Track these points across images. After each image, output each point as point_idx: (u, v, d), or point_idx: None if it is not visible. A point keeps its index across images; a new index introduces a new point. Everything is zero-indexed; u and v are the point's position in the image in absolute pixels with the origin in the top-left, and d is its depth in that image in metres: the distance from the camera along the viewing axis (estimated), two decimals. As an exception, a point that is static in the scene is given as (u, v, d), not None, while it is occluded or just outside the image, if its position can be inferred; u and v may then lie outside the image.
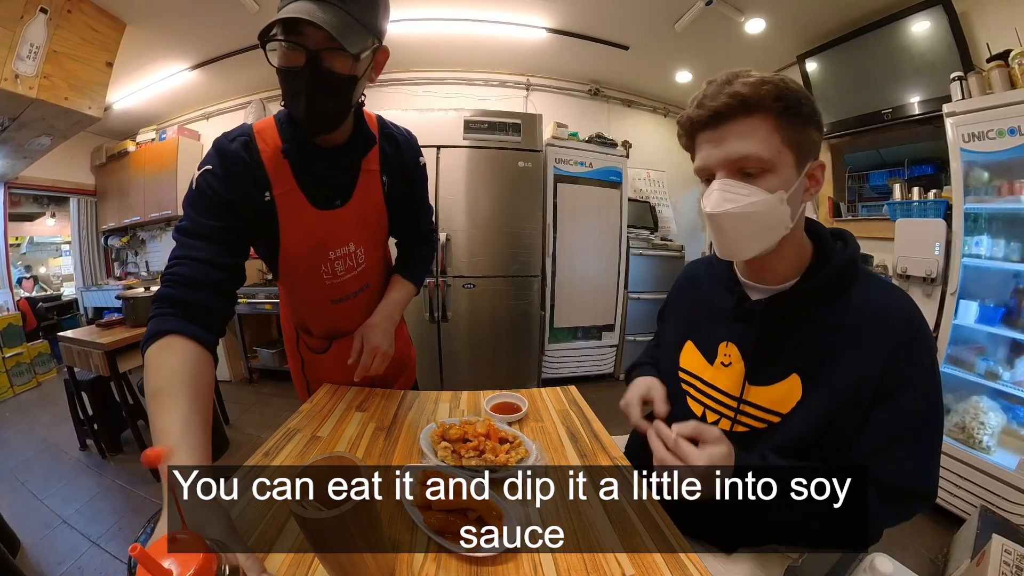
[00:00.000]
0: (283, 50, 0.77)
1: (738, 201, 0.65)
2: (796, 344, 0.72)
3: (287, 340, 1.27)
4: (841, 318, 0.69)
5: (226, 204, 0.83)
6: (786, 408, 0.72)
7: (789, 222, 0.67)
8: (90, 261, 4.74)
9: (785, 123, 0.64)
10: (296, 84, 0.78)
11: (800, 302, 0.72)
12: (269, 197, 0.88)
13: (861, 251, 0.75)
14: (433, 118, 2.79)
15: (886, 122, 2.53)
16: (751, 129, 0.64)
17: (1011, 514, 1.61)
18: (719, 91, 0.65)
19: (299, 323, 1.19)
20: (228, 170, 0.84)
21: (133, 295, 2.45)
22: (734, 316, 0.78)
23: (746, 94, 0.62)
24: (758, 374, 0.75)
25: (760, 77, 0.63)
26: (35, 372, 3.78)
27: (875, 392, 0.66)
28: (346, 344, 1.11)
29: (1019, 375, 1.77)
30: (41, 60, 2.29)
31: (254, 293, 3.51)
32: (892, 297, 0.70)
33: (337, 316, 1.11)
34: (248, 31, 2.90)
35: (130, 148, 4.19)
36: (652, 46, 3.22)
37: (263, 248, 0.96)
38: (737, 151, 0.64)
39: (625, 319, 3.54)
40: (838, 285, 0.71)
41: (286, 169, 0.88)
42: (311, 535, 0.52)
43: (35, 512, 2.00)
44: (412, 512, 0.69)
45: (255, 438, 2.67)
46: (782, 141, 0.64)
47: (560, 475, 0.83)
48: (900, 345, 0.65)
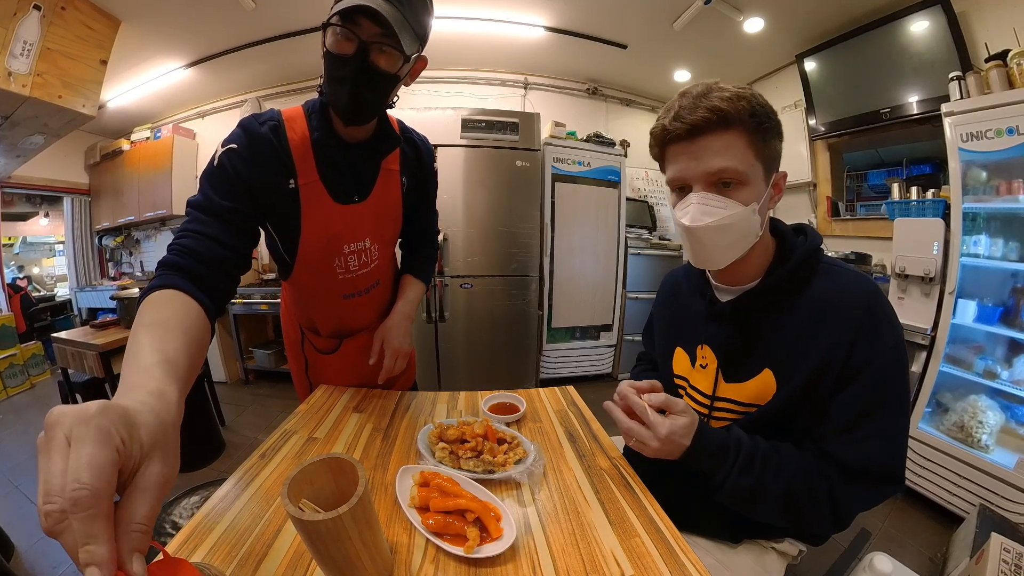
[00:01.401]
0: (336, 36, 0.79)
1: (716, 214, 0.68)
2: (765, 340, 0.75)
3: (290, 343, 1.26)
4: (805, 310, 0.72)
5: (245, 186, 0.83)
6: (763, 402, 0.75)
7: (759, 230, 0.72)
8: (84, 261, 4.71)
9: (757, 137, 0.67)
10: (343, 71, 0.80)
11: (765, 299, 0.75)
12: (294, 185, 0.89)
13: (823, 243, 0.78)
14: (430, 117, 2.78)
15: (885, 121, 2.53)
16: (728, 144, 0.66)
17: (1010, 512, 1.62)
18: (696, 104, 0.66)
19: (306, 323, 1.18)
20: (254, 151, 0.84)
21: (128, 295, 2.42)
22: (706, 319, 0.82)
23: (725, 109, 0.64)
24: (732, 372, 0.79)
25: (735, 91, 0.66)
26: (28, 374, 3.75)
27: (838, 376, 0.69)
28: (356, 343, 1.12)
29: (1017, 374, 1.78)
30: (34, 58, 2.27)
31: (250, 294, 3.49)
32: (851, 283, 0.72)
33: (347, 312, 1.11)
34: (245, 29, 2.89)
35: (124, 147, 4.17)
36: (651, 45, 3.22)
37: (277, 237, 0.96)
38: (716, 165, 0.67)
39: (623, 319, 3.54)
40: (800, 278, 0.73)
41: (310, 159, 0.89)
42: (308, 537, 0.51)
43: (29, 516, 1.97)
44: (410, 513, 0.69)
45: (251, 440, 2.66)
46: (755, 155, 0.68)
47: (559, 476, 0.83)
48: (860, 329, 0.68)
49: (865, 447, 0.67)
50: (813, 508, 0.69)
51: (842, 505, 0.69)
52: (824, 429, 0.71)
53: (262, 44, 3.07)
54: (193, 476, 2.27)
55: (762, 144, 0.68)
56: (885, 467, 0.68)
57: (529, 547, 0.65)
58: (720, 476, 0.71)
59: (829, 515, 0.69)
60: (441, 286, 2.78)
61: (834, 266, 0.75)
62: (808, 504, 0.69)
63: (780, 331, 0.73)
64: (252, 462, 0.86)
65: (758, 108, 0.66)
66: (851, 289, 0.71)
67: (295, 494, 0.53)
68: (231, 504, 0.73)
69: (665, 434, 0.69)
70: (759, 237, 0.72)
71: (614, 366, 3.61)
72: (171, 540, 0.65)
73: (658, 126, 0.71)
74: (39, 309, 4.62)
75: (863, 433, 0.68)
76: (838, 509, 0.69)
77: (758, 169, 0.68)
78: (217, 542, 0.64)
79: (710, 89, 0.67)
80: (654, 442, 0.70)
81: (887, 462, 0.68)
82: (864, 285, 0.71)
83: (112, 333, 2.29)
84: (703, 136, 0.66)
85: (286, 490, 0.51)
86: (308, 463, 0.55)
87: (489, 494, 0.73)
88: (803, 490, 0.68)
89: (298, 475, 0.54)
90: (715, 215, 0.68)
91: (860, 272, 0.75)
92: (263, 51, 3.14)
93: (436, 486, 0.71)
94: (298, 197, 0.89)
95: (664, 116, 0.70)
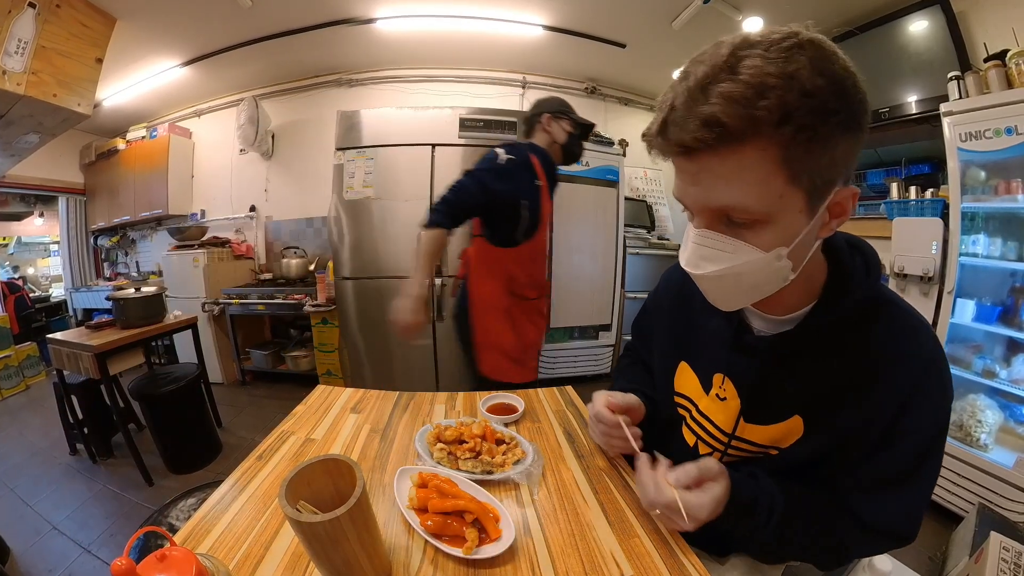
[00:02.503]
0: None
1: (719, 261, 0.51)
2: (802, 384, 0.62)
3: (497, 311, 1.69)
4: (856, 359, 0.59)
5: (496, 193, 1.54)
6: (784, 445, 0.66)
7: (790, 275, 0.52)
8: (79, 261, 4.69)
9: (797, 151, 0.44)
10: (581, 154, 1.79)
11: (811, 339, 0.61)
12: (539, 183, 1.62)
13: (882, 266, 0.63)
14: (428, 116, 2.77)
15: (883, 121, 2.53)
16: (738, 168, 0.45)
17: (1009, 511, 1.62)
18: (689, 111, 0.44)
19: (512, 286, 1.68)
20: (519, 168, 1.58)
21: (123, 296, 2.40)
22: (731, 346, 0.68)
23: (733, 125, 0.42)
24: (755, 413, 0.67)
25: (758, 81, 0.41)
26: (23, 375, 3.73)
27: (881, 435, 0.60)
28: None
29: (1016, 373, 1.78)
30: (29, 56, 2.25)
31: (246, 294, 3.47)
32: (914, 336, 0.59)
33: (543, 267, 1.82)
34: (242, 27, 2.88)
35: (120, 146, 4.15)
36: (649, 44, 3.21)
37: (515, 220, 1.59)
38: (716, 199, 0.48)
39: (622, 319, 3.53)
40: (858, 320, 0.59)
41: (542, 173, 1.63)
42: (306, 539, 0.51)
43: (25, 518, 1.96)
44: (408, 515, 0.68)
45: (248, 441, 2.64)
46: (787, 179, 0.45)
47: (557, 476, 0.82)
48: (913, 395, 0.57)
49: (891, 510, 0.62)
50: (827, 553, 0.66)
51: (852, 553, 0.67)
52: (849, 483, 0.64)
53: (259, 43, 3.06)
54: (190, 478, 2.26)
55: (806, 159, 0.44)
56: (906, 532, 0.63)
57: (528, 548, 0.64)
58: (746, 531, 0.64)
59: (835, 559, 0.67)
60: (439, 286, 2.77)
61: (895, 307, 0.61)
62: (824, 552, 0.66)
63: (823, 377, 0.61)
64: (249, 464, 0.86)
65: (802, 105, 0.41)
66: (913, 346, 0.58)
67: (293, 495, 0.52)
68: (228, 506, 0.73)
69: (706, 516, 0.61)
70: (789, 281, 0.53)
71: (613, 366, 3.61)
72: (167, 543, 0.64)
73: (649, 133, 0.51)
74: (34, 310, 4.58)
75: (893, 497, 0.62)
76: (847, 555, 0.67)
77: (792, 199, 0.47)
78: (214, 544, 0.64)
79: (715, 76, 0.43)
80: (692, 525, 0.61)
81: (908, 528, 0.63)
82: (930, 340, 0.59)
83: (108, 334, 2.27)
84: (702, 155, 0.46)
85: (283, 491, 0.51)
86: (305, 464, 0.55)
87: (488, 495, 0.72)
88: (828, 544, 0.65)
89: (295, 476, 0.54)
90: (717, 262, 0.51)
91: (923, 319, 0.62)
92: (260, 50, 3.13)
93: (434, 487, 0.71)
94: (540, 191, 1.63)
95: (655, 119, 0.50)
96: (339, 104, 3.49)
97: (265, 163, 4.00)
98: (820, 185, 0.47)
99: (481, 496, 0.72)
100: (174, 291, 3.55)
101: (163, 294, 2.59)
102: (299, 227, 3.99)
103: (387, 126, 2.75)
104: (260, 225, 4.07)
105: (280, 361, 3.65)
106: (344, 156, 2.75)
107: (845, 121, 0.44)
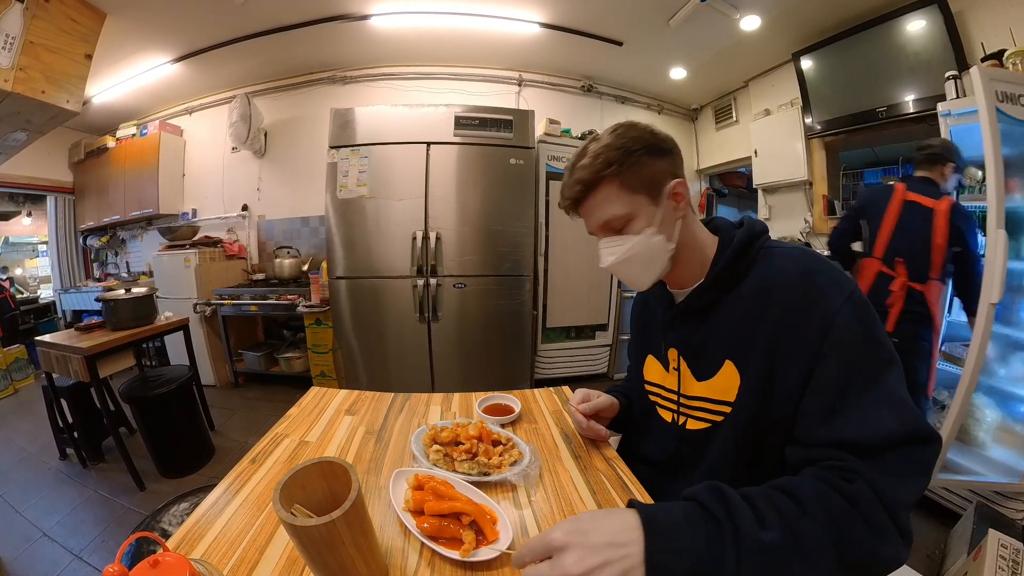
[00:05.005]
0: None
1: (617, 252, 0.76)
2: (718, 334, 0.76)
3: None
4: (749, 295, 0.73)
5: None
6: (731, 396, 0.74)
7: (669, 244, 0.76)
8: (68, 262, 4.63)
9: (626, 177, 0.72)
10: None
11: (711, 294, 0.77)
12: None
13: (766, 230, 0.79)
14: (423, 114, 2.75)
15: (881, 120, 2.55)
16: (601, 200, 0.74)
17: (1007, 509, 1.63)
18: (568, 179, 0.77)
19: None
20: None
21: (113, 297, 2.36)
22: (669, 323, 0.86)
23: (586, 179, 0.73)
24: (699, 370, 0.80)
25: (594, 151, 0.73)
26: (11, 378, 3.68)
27: (800, 359, 0.64)
28: None
29: (1014, 371, 1.79)
30: (17, 52, 2.21)
31: (239, 295, 3.44)
32: (786, 258, 0.72)
33: None
34: (234, 23, 2.85)
35: (110, 144, 4.10)
36: (646, 42, 3.22)
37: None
38: (598, 219, 0.76)
39: (619, 318, 3.53)
40: (741, 267, 0.75)
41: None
42: (301, 543, 0.50)
43: (14, 525, 1.93)
44: (405, 517, 0.68)
45: (242, 444, 2.62)
46: (630, 192, 0.73)
47: (554, 477, 0.81)
48: (797, 304, 0.66)
49: (868, 419, 0.57)
50: (867, 525, 0.51)
51: (891, 498, 0.52)
52: (811, 422, 0.62)
53: (252, 39, 3.03)
54: (182, 482, 2.23)
55: (633, 179, 0.72)
56: (899, 430, 0.56)
57: (530, 552, 0.63)
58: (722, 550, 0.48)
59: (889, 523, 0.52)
60: (434, 286, 2.75)
61: (774, 248, 0.75)
62: (860, 523, 0.51)
63: (731, 321, 0.74)
64: (243, 467, 0.85)
65: (616, 153, 0.71)
66: (787, 263, 0.71)
67: (287, 499, 0.52)
68: (222, 510, 0.72)
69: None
70: (673, 250, 0.76)
71: (610, 366, 3.61)
72: (160, 549, 0.63)
73: (559, 202, 0.82)
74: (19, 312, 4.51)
75: (856, 404, 0.59)
76: (893, 506, 0.52)
77: (639, 199, 0.73)
78: (208, 549, 0.63)
79: (579, 158, 0.75)
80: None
81: (898, 424, 0.56)
82: (800, 257, 0.71)
83: (97, 336, 2.23)
84: (583, 203, 0.77)
85: (278, 495, 0.51)
86: (300, 467, 0.55)
87: (484, 496, 0.72)
88: (843, 510, 0.52)
89: (290, 480, 0.53)
90: (617, 253, 0.76)
91: (798, 247, 0.76)
92: (252, 46, 3.10)
93: (431, 489, 0.70)
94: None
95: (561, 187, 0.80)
96: (333, 101, 3.47)
97: (258, 161, 3.96)
98: (652, 186, 0.74)
99: (478, 498, 0.71)
100: (165, 292, 3.50)
101: (154, 295, 2.56)
102: (292, 226, 3.96)
103: (382, 124, 2.73)
104: (252, 224, 4.04)
105: (273, 363, 3.62)
106: (338, 154, 2.73)
107: (648, 151, 0.73)
